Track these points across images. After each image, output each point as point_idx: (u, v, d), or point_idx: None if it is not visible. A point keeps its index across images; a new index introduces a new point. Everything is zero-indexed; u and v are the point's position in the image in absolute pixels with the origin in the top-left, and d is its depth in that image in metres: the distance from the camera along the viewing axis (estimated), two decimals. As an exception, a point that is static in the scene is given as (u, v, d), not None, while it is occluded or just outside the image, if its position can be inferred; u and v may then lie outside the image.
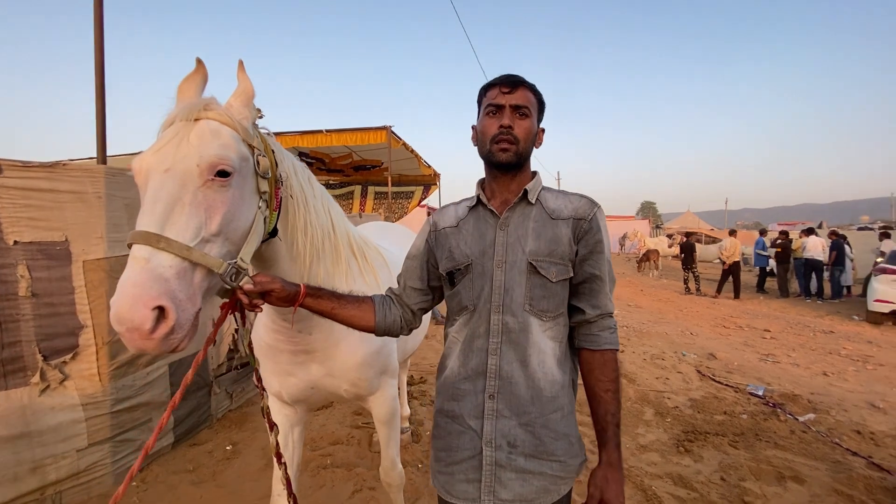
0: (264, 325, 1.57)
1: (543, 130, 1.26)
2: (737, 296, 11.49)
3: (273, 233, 1.28)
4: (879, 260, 9.24)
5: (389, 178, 9.18)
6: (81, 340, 2.59)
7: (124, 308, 0.87)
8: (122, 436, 2.75)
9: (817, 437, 3.52)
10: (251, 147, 1.15)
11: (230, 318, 1.18)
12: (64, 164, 2.56)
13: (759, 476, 2.95)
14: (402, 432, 3.19)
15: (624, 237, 26.81)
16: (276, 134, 9.09)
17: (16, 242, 2.39)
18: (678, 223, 30.46)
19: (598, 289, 1.17)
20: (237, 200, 1.09)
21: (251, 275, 1.12)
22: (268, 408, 1.30)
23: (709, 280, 14.02)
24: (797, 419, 3.87)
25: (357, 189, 12.78)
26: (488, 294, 1.15)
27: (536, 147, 1.23)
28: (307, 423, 2.66)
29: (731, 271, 11.63)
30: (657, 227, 33.65)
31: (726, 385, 4.79)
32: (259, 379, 1.29)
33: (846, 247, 11.08)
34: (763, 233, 13.82)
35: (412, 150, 9.57)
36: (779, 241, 12.10)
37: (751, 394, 4.53)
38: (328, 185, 12.61)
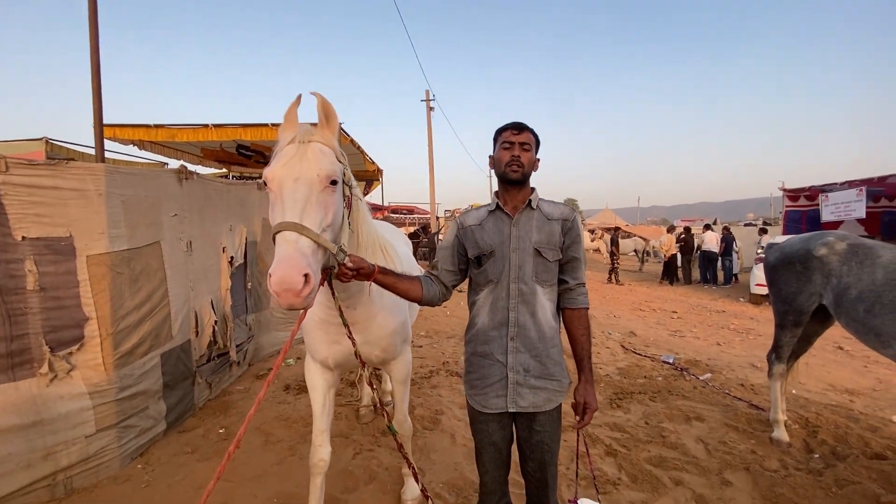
0: (319, 304, 1.93)
1: (539, 160, 1.80)
2: (672, 283, 13.55)
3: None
4: (759, 251, 11.11)
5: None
6: (87, 332, 2.70)
7: (285, 274, 1.26)
8: (125, 422, 2.88)
9: (713, 390, 4.46)
10: (341, 163, 1.58)
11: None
12: (67, 163, 2.64)
13: (672, 419, 3.75)
14: (385, 404, 3.60)
15: None
16: (217, 126, 8.82)
17: (24, 238, 2.47)
18: (598, 219, 32.98)
19: (577, 266, 1.74)
20: (339, 201, 1.54)
21: (347, 253, 1.55)
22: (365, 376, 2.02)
23: (625, 271, 15.74)
24: (698, 378, 4.83)
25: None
26: (507, 270, 1.68)
27: (534, 171, 1.77)
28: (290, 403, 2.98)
29: (670, 262, 13.70)
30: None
31: (645, 356, 5.73)
32: (351, 337, 1.85)
33: (734, 240, 13.09)
34: (671, 229, 15.70)
35: (358, 147, 9.75)
36: (682, 235, 13.92)
37: (664, 362, 5.49)
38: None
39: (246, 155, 10.87)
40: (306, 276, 1.28)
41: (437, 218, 19.97)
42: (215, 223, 4.15)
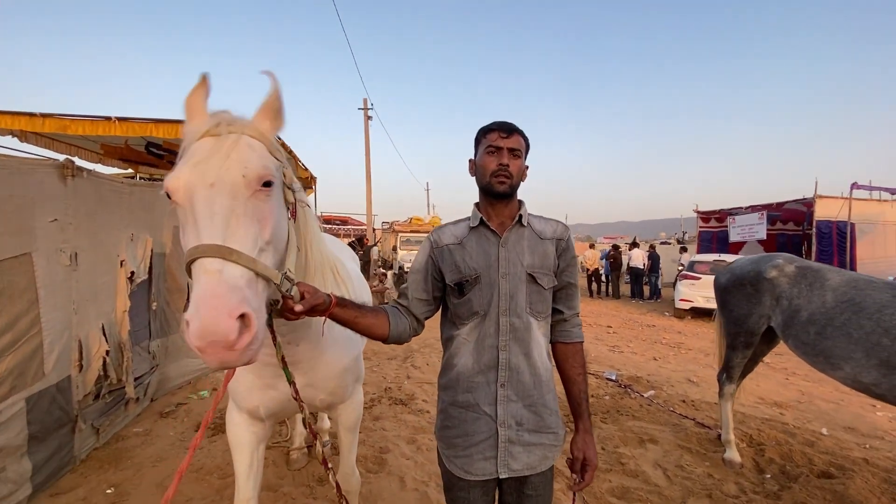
0: None
1: (528, 167, 1.50)
2: (591, 295, 14.25)
3: None
4: (680, 268, 11.89)
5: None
6: None
7: (208, 320, 0.85)
8: (-37, 495, 2.15)
9: (659, 408, 4.46)
10: (278, 160, 1.19)
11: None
12: None
13: (626, 443, 3.64)
14: (323, 445, 3.11)
15: None
16: (123, 119, 7.82)
17: None
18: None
19: (572, 294, 1.46)
20: (278, 209, 1.14)
21: (294, 283, 1.14)
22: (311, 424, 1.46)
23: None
24: (643, 395, 4.83)
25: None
26: (496, 300, 1.35)
27: (523, 181, 1.47)
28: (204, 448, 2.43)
29: (593, 276, 14.40)
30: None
31: (588, 373, 5.69)
32: (297, 392, 1.37)
33: (659, 258, 14.00)
34: (593, 246, 16.55)
35: (290, 151, 9.08)
36: (611, 252, 14.64)
37: (607, 379, 5.48)
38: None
39: (157, 154, 9.70)
40: (243, 316, 0.90)
41: (374, 230, 19.40)
42: (111, 231, 3.44)
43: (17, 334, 2.48)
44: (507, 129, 1.38)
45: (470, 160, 1.47)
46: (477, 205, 1.47)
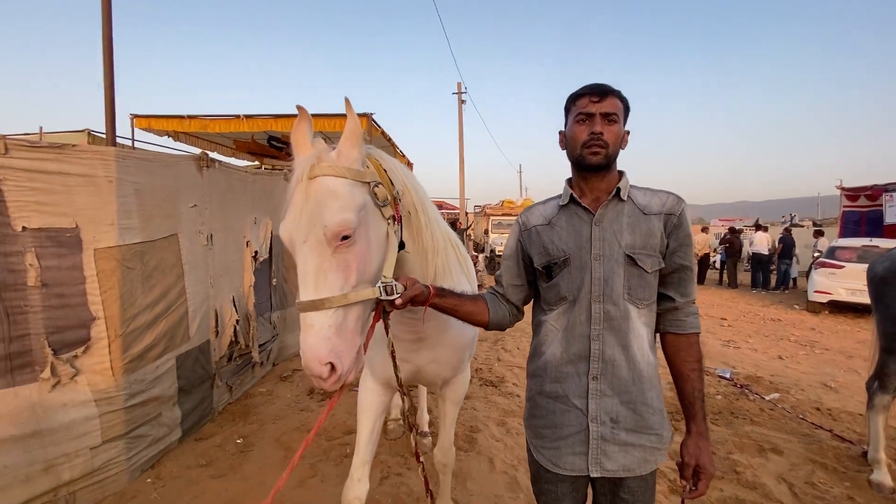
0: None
1: (629, 132, 1.32)
2: (701, 282, 12.88)
3: (401, 245, 1.37)
4: (816, 255, 10.22)
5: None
6: (93, 333, 2.45)
7: (307, 363, 1.11)
8: (135, 431, 2.64)
9: (784, 413, 3.92)
10: (366, 184, 1.22)
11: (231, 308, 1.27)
12: (74, 146, 2.39)
13: (742, 449, 3.26)
14: (423, 436, 3.25)
15: None
16: (249, 116, 8.65)
17: (24, 228, 2.22)
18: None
19: (687, 278, 1.28)
20: (365, 248, 1.20)
21: (395, 283, 1.22)
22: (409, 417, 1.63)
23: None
24: (764, 398, 4.28)
25: (326, 176, 12.50)
26: (588, 285, 1.24)
27: (622, 149, 1.31)
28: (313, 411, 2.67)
29: (702, 262, 13.02)
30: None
31: (698, 369, 5.19)
32: (401, 385, 1.53)
33: (794, 243, 12.11)
34: (705, 229, 14.77)
35: (389, 139, 9.47)
36: (727, 236, 13.06)
37: (720, 376, 4.94)
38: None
39: (277, 147, 10.78)
40: (331, 364, 1.10)
41: (467, 213, 19.59)
42: (238, 215, 3.89)
43: (168, 303, 2.94)
44: (600, 92, 1.23)
45: (560, 132, 1.34)
46: (569, 180, 1.35)
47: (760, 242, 11.95)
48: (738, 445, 3.31)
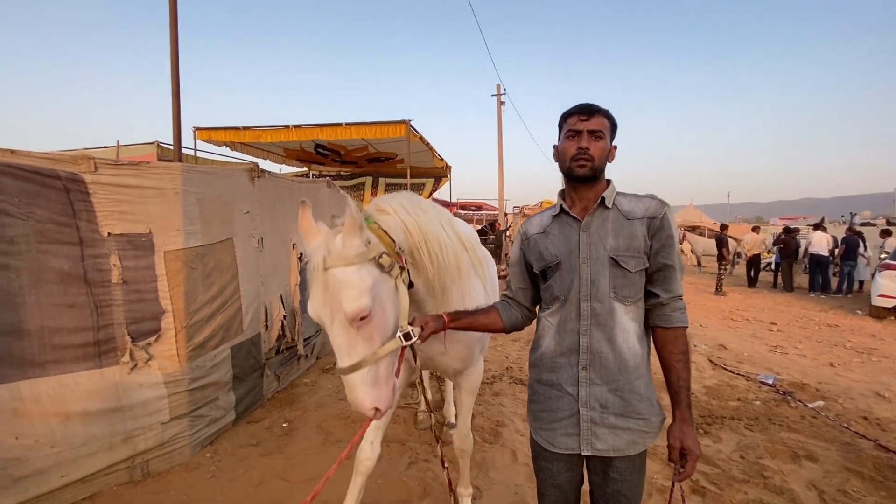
0: None
1: (616, 147, 1.47)
2: (752, 285, 12.46)
3: (410, 285, 1.59)
4: (883, 256, 9.48)
5: (409, 171, 9.34)
6: (163, 324, 2.83)
7: (359, 409, 1.38)
8: (197, 411, 3.01)
9: (827, 421, 3.79)
10: (373, 260, 1.40)
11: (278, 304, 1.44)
12: (148, 164, 2.77)
13: (774, 455, 3.21)
14: (450, 427, 3.45)
15: None
16: (297, 126, 9.17)
17: (109, 234, 2.62)
18: (680, 217, 30.52)
19: (670, 276, 1.39)
20: (381, 317, 1.40)
21: (412, 328, 1.45)
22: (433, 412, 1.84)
23: (712, 274, 14.23)
24: (807, 405, 4.14)
25: (368, 181, 12.97)
26: (577, 286, 1.39)
27: (609, 162, 1.45)
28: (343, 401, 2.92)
29: (753, 263, 12.56)
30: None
31: (738, 374, 5.06)
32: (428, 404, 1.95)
33: (861, 243, 11.16)
34: (756, 229, 13.85)
35: (427, 144, 9.74)
36: (782, 236, 12.32)
37: (761, 382, 4.79)
38: (339, 177, 12.80)
39: (323, 154, 11.36)
40: (376, 410, 1.38)
41: (506, 214, 19.59)
42: (286, 220, 4.26)
43: (224, 299, 3.30)
44: (588, 111, 1.38)
45: (554, 146, 1.49)
46: (561, 192, 1.51)
47: (819, 243, 11.20)
48: (769, 451, 3.26)
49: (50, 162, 2.44)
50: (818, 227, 11.93)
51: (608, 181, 1.46)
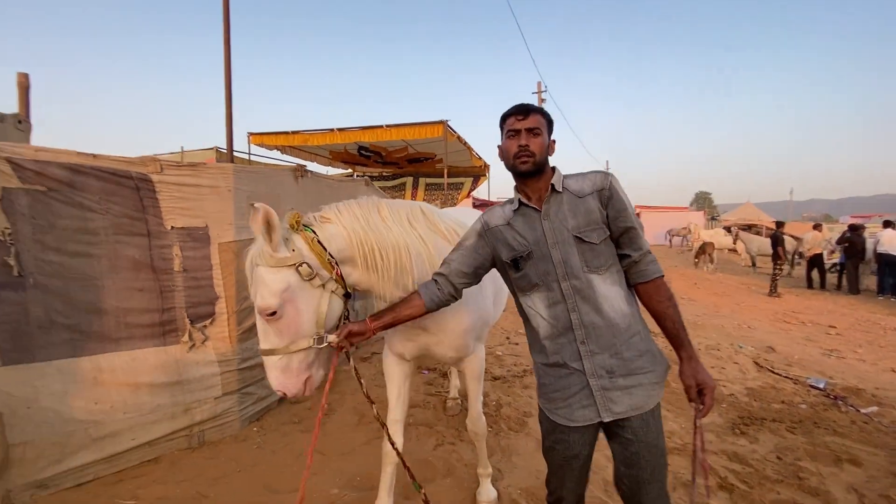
0: None
1: (555, 141, 1.58)
2: (822, 286, 11.75)
3: (348, 295, 1.78)
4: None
5: (446, 171, 9.53)
6: (217, 309, 3.14)
7: (273, 387, 1.68)
8: (245, 389, 3.31)
9: (879, 427, 3.57)
10: (292, 266, 1.59)
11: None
12: (205, 164, 3.10)
13: (815, 457, 3.09)
14: (457, 408, 3.58)
15: (670, 233, 25.62)
16: (341, 130, 9.56)
17: (172, 227, 2.95)
18: (736, 215, 28.89)
19: (634, 235, 1.49)
20: (293, 317, 1.61)
21: (329, 334, 1.67)
22: (371, 401, 1.98)
23: (767, 274, 13.40)
24: (859, 411, 3.91)
25: (409, 181, 13.28)
26: (553, 269, 1.48)
27: (550, 155, 1.56)
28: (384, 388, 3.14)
29: (814, 263, 11.86)
30: (713, 218, 32.01)
31: (785, 377, 4.83)
32: (367, 394, 2.00)
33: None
34: (818, 227, 12.82)
35: (465, 143, 9.88)
36: (847, 235, 11.44)
37: (811, 386, 4.56)
38: (382, 178, 13.20)
39: (366, 155, 11.79)
40: (282, 392, 1.67)
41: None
42: (326, 216, 4.54)
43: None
44: (524, 111, 1.50)
45: (498, 146, 1.60)
46: (515, 188, 1.60)
47: (889, 241, 10.30)
48: (810, 453, 3.15)
49: (124, 164, 2.79)
50: (888, 224, 10.97)
51: (553, 168, 1.56)
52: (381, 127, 9.13)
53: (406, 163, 12.38)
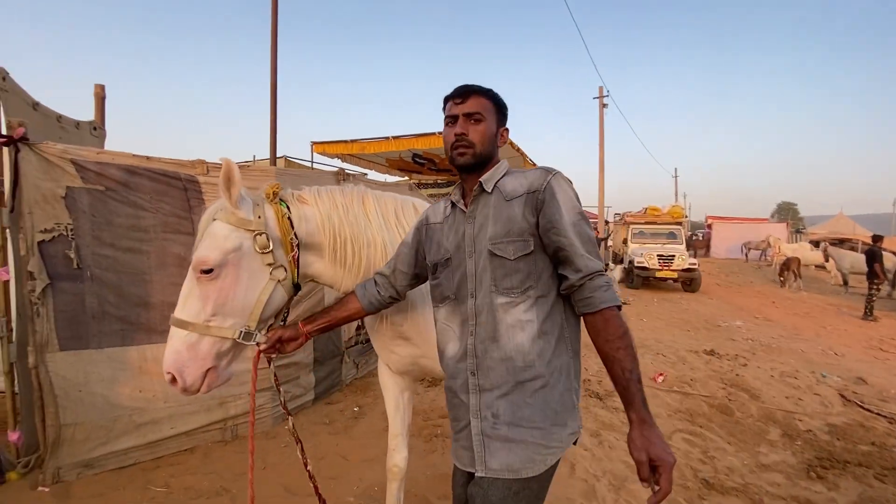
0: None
1: (507, 130, 1.33)
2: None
3: (297, 288, 1.53)
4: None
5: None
6: (254, 307, 3.24)
7: (163, 362, 1.35)
8: (279, 387, 3.37)
9: None
10: (249, 231, 1.39)
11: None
12: (248, 166, 3.22)
13: (913, 515, 2.60)
14: None
15: (746, 246, 23.46)
16: (395, 137, 9.72)
17: (215, 227, 3.08)
18: (827, 227, 26.02)
19: (570, 254, 1.15)
20: (228, 286, 1.36)
21: (260, 333, 1.44)
22: (294, 429, 1.72)
23: (860, 294, 11.82)
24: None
25: (462, 187, 13.24)
26: (464, 283, 1.25)
27: (500, 146, 1.31)
28: (419, 395, 2.92)
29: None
30: (797, 231, 29.09)
31: (878, 414, 4.17)
32: (284, 404, 1.75)
33: None
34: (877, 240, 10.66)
35: (518, 149, 9.69)
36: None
37: (906, 423, 3.90)
38: (436, 185, 13.28)
39: (420, 163, 11.94)
40: (172, 375, 1.31)
41: (606, 222, 18.58)
42: (368, 220, 4.58)
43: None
44: (462, 93, 1.26)
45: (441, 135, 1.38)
46: (460, 182, 1.37)
47: None
48: (905, 509, 2.65)
49: (174, 166, 2.96)
50: None
51: (499, 162, 1.32)
52: (434, 134, 9.18)
53: (459, 170, 12.37)
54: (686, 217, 16.06)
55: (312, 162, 10.58)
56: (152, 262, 2.88)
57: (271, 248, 1.42)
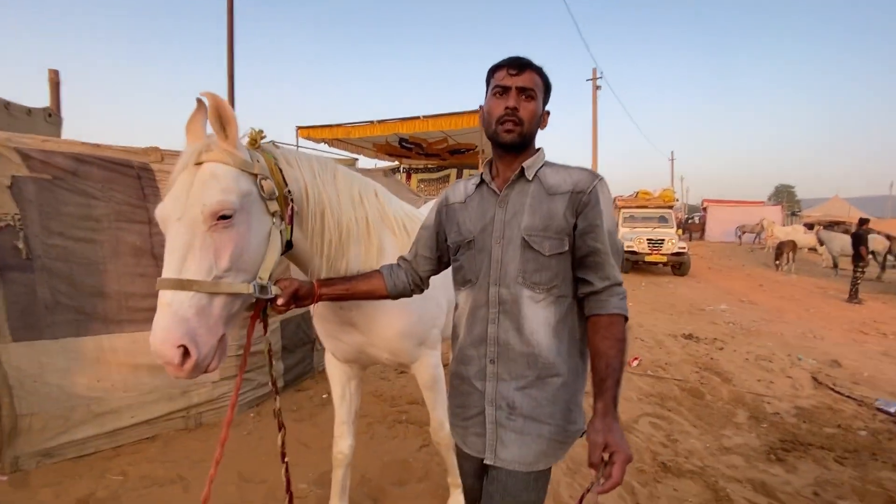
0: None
1: (549, 113, 1.29)
2: None
3: (289, 245, 1.38)
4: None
5: (480, 161, 9.32)
6: (216, 296, 3.21)
7: (156, 346, 1.07)
8: (245, 375, 3.36)
9: (957, 466, 2.99)
10: (253, 175, 1.24)
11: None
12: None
13: (862, 497, 2.63)
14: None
15: (741, 230, 23.44)
16: (380, 121, 9.64)
17: (172, 215, 3.04)
18: (822, 210, 26.02)
19: (602, 261, 1.16)
20: (244, 234, 1.19)
21: (273, 285, 1.28)
22: (279, 411, 1.49)
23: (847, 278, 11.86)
24: (936, 443, 3.30)
25: (453, 172, 13.16)
26: (487, 268, 1.22)
27: (542, 129, 1.27)
28: (390, 381, 2.89)
29: None
30: (793, 213, 29.04)
31: (848, 397, 4.21)
32: (274, 383, 1.51)
33: None
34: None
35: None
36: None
37: (878, 409, 3.93)
38: (426, 170, 13.16)
39: (407, 147, 11.81)
40: (184, 347, 1.06)
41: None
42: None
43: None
44: (518, 65, 1.19)
45: (480, 107, 1.30)
46: (489, 162, 1.33)
47: None
48: (857, 491, 2.68)
49: (125, 154, 2.90)
50: None
51: (538, 149, 1.28)
52: (419, 118, 9.05)
53: (448, 154, 12.26)
54: (678, 200, 15.97)
55: (297, 147, 10.46)
56: (106, 252, 2.85)
57: (276, 194, 1.29)
